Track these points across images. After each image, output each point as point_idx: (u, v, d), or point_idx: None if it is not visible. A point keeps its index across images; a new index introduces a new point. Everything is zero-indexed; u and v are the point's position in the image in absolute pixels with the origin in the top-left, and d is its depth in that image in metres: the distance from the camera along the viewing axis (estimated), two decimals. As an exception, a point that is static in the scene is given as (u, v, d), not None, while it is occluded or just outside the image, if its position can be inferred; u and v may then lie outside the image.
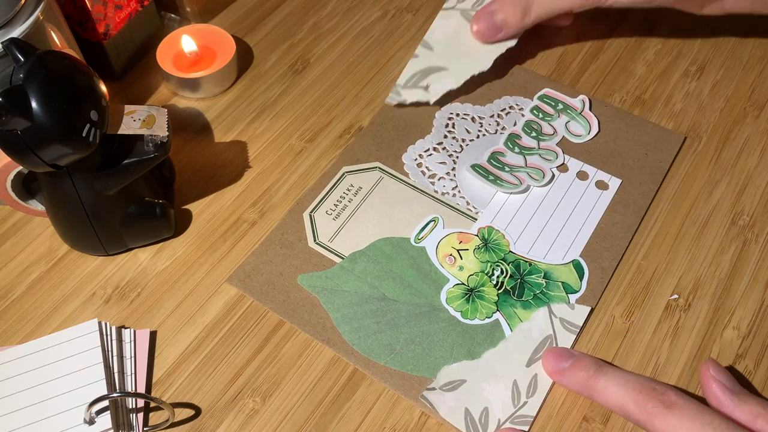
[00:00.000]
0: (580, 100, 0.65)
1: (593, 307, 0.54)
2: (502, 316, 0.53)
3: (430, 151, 0.63)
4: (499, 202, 0.59)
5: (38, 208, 0.57)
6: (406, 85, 0.65)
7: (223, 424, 0.49)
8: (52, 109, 0.45)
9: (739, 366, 0.52)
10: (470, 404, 0.49)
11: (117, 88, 0.69)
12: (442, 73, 0.65)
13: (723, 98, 0.68)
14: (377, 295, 0.55)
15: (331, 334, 0.53)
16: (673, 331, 0.54)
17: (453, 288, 0.55)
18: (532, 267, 0.56)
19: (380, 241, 0.57)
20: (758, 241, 0.58)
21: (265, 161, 0.63)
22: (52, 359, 0.50)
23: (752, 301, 0.55)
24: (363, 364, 0.51)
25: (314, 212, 0.59)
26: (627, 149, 0.63)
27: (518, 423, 0.49)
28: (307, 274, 0.56)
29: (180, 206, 0.60)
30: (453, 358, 0.51)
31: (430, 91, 0.64)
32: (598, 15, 0.74)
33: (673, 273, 0.56)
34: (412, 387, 0.50)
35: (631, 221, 0.58)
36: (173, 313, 0.54)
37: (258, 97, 0.68)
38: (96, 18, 0.64)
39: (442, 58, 0.65)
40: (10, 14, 0.52)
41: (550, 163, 0.61)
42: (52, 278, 0.56)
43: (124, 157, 0.51)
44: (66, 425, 0.47)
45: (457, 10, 0.67)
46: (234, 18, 0.75)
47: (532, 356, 0.51)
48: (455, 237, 0.58)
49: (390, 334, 0.53)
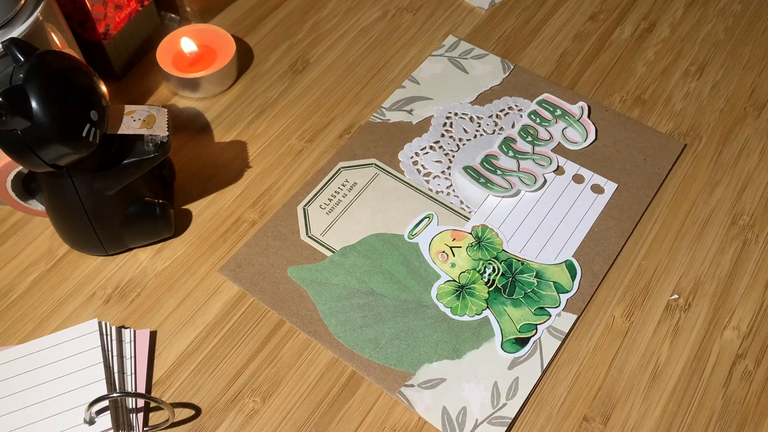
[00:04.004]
0: (579, 107, 0.65)
1: (581, 312, 0.54)
2: (492, 313, 0.54)
3: (427, 150, 0.63)
4: (493, 202, 0.60)
5: (38, 208, 0.57)
6: (390, 108, 0.66)
7: (223, 424, 0.49)
8: (52, 109, 0.45)
9: (739, 366, 0.52)
10: (448, 403, 0.50)
11: (117, 88, 0.69)
12: (426, 102, 0.67)
13: (723, 98, 0.68)
14: (365, 289, 0.55)
15: (317, 327, 0.53)
16: (673, 331, 0.54)
17: (444, 284, 0.55)
18: (525, 266, 0.56)
19: (372, 237, 0.58)
20: (758, 241, 0.58)
21: (265, 161, 0.63)
22: (52, 359, 0.50)
23: (752, 301, 0.55)
24: (347, 356, 0.52)
25: (308, 206, 0.59)
26: (625, 154, 0.63)
27: (496, 424, 0.49)
28: (297, 266, 0.56)
29: (180, 206, 0.60)
30: (437, 354, 0.52)
31: (414, 114, 0.66)
32: (598, 15, 0.74)
33: (673, 273, 0.56)
34: (395, 381, 0.51)
35: (626, 226, 0.58)
36: (173, 313, 0.54)
37: (258, 97, 0.68)
38: (96, 18, 0.64)
39: (427, 91, 0.68)
40: (10, 14, 0.52)
41: (543, 169, 0.62)
42: (52, 278, 0.56)
43: (124, 157, 0.51)
44: (66, 425, 0.47)
45: (445, 57, 0.70)
46: (234, 18, 0.75)
47: (516, 359, 0.52)
48: (449, 234, 0.58)
49: (376, 328, 0.53)
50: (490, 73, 0.69)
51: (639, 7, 0.75)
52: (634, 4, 0.76)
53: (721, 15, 0.74)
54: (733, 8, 0.75)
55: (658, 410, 0.50)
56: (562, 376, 0.52)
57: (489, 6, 0.75)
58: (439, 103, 0.66)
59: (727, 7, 0.75)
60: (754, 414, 0.50)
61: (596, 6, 0.75)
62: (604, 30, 0.73)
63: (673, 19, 0.74)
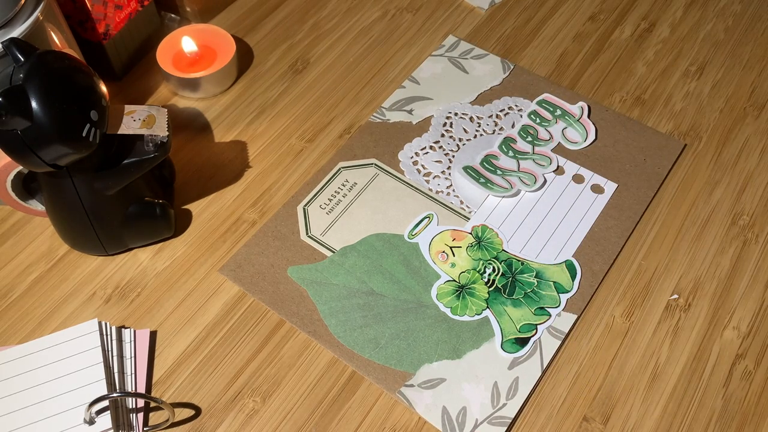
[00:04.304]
0: (579, 107, 0.65)
1: (581, 312, 0.54)
2: (492, 313, 0.54)
3: (427, 150, 0.63)
4: (493, 202, 0.60)
5: (38, 208, 0.57)
6: (390, 108, 0.66)
7: (223, 424, 0.49)
8: (52, 109, 0.45)
9: (739, 366, 0.52)
10: (448, 403, 0.50)
11: (117, 88, 0.69)
12: (426, 102, 0.67)
13: (723, 98, 0.68)
14: (365, 289, 0.55)
15: (317, 327, 0.53)
16: (673, 331, 0.54)
17: (444, 284, 0.55)
18: (525, 266, 0.56)
19: (372, 237, 0.58)
20: (758, 241, 0.58)
21: (265, 161, 0.63)
22: (53, 359, 0.50)
23: (752, 301, 0.55)
24: (347, 356, 0.52)
25: (308, 206, 0.59)
26: (625, 154, 0.63)
27: (496, 424, 0.49)
28: (297, 266, 0.56)
29: (180, 206, 0.60)
30: (437, 354, 0.52)
31: (414, 114, 0.66)
32: (598, 15, 0.74)
33: (673, 273, 0.56)
34: (395, 381, 0.51)
35: (626, 226, 0.58)
36: (173, 313, 0.54)
37: (258, 97, 0.68)
38: (96, 18, 0.64)
39: (427, 91, 0.67)
40: (10, 14, 0.52)
41: (543, 169, 0.62)
42: (52, 278, 0.56)
43: (124, 157, 0.51)
44: (66, 425, 0.47)
45: (445, 57, 0.70)
46: (234, 18, 0.75)
47: (516, 359, 0.52)
48: (449, 234, 0.58)
49: (376, 328, 0.53)
50: (490, 73, 0.69)
51: (639, 7, 0.75)
52: (634, 4, 0.76)
53: (721, 15, 0.74)
54: (733, 8, 0.75)
55: (658, 410, 0.50)
56: (562, 376, 0.52)
57: (489, 6, 0.75)
58: (439, 103, 0.66)
59: (727, 7, 0.75)
60: (754, 414, 0.50)
61: (596, 6, 0.75)
62: (604, 30, 0.73)
63: (673, 19, 0.74)
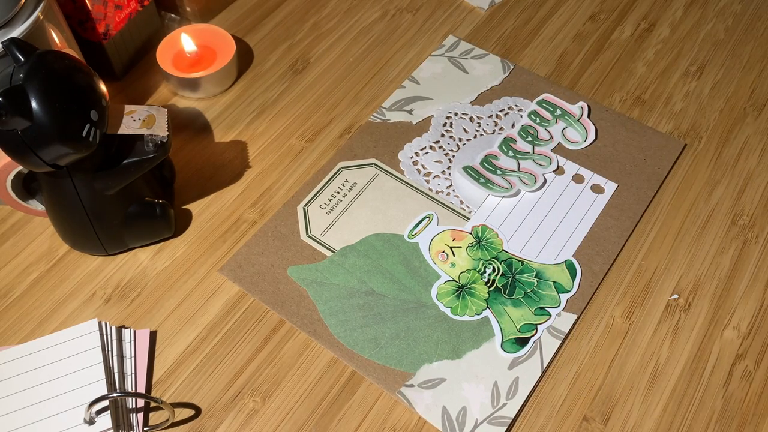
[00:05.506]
0: (579, 107, 0.65)
1: (581, 312, 0.54)
2: (492, 313, 0.54)
3: (427, 150, 0.63)
4: (493, 202, 0.60)
5: (38, 208, 0.57)
6: (390, 108, 0.66)
7: (223, 424, 0.49)
8: (52, 109, 0.45)
9: (739, 366, 0.52)
10: (448, 403, 0.50)
11: (117, 88, 0.69)
12: (426, 101, 0.67)
13: (723, 98, 0.68)
14: (365, 289, 0.55)
15: (317, 326, 0.53)
16: (673, 331, 0.54)
17: (444, 284, 0.55)
18: (525, 266, 0.56)
19: (372, 237, 0.58)
20: (758, 241, 0.58)
21: (265, 161, 0.63)
22: (52, 359, 0.50)
23: (752, 301, 0.55)
24: (347, 356, 0.52)
25: (308, 206, 0.59)
26: (625, 154, 0.63)
27: (496, 424, 0.49)
28: (297, 266, 0.56)
29: (180, 206, 0.60)
30: (437, 354, 0.52)
31: (414, 114, 0.66)
32: (598, 15, 0.74)
33: (673, 273, 0.56)
34: (395, 381, 0.51)
35: (625, 226, 0.58)
36: (173, 313, 0.54)
37: (258, 97, 0.68)
38: (96, 18, 0.64)
39: (427, 91, 0.67)
40: (10, 14, 0.52)
41: (543, 169, 0.62)
42: (52, 278, 0.56)
43: (124, 157, 0.51)
44: (66, 425, 0.47)
45: (445, 57, 0.70)
46: (234, 18, 0.75)
47: (516, 359, 0.52)
48: (449, 234, 0.58)
49: (376, 328, 0.53)
50: (490, 73, 0.69)
51: (639, 7, 0.75)
52: (634, 4, 0.76)
53: (721, 15, 0.74)
54: (733, 8, 0.75)
55: (658, 410, 0.50)
56: (562, 376, 0.52)
57: (489, 6, 0.75)
58: (439, 103, 0.66)
59: (727, 7, 0.75)
60: (754, 414, 0.50)
61: (596, 6, 0.75)
62: (604, 30, 0.73)
63: (673, 19, 0.74)
